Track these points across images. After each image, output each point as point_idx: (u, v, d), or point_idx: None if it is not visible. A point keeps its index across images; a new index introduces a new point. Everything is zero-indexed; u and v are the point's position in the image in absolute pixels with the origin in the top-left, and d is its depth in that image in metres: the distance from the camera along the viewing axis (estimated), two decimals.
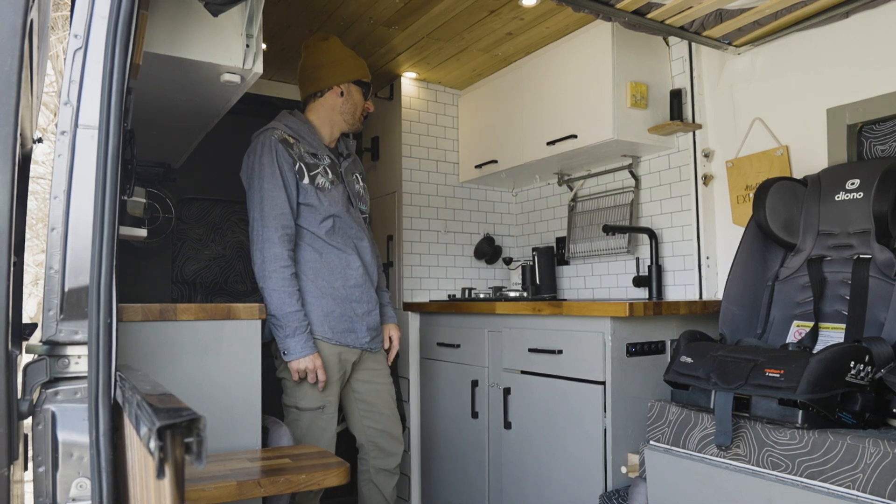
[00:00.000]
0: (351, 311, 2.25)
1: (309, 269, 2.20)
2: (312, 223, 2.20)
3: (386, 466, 2.41)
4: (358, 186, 2.42)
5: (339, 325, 2.23)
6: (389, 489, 2.42)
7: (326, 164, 2.28)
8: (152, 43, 1.79)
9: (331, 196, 2.23)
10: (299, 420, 2.20)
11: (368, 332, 2.32)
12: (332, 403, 2.24)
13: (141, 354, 1.72)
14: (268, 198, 2.12)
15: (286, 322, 2.09)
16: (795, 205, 2.03)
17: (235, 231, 3.46)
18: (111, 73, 1.08)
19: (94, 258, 1.07)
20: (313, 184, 2.20)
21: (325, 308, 2.20)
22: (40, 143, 1.97)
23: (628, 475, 2.05)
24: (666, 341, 2.24)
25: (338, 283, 2.23)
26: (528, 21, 2.74)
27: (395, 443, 2.41)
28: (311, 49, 2.40)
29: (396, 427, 2.42)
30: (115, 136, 1.08)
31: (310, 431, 2.20)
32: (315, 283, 2.20)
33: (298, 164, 2.18)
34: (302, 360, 2.11)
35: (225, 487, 1.49)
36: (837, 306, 1.88)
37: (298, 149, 2.21)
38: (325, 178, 2.23)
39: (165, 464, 0.65)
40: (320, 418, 2.21)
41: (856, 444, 1.41)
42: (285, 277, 2.10)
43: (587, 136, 2.73)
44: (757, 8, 2.17)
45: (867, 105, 2.16)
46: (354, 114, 2.38)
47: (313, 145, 2.27)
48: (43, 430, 1.19)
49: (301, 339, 2.11)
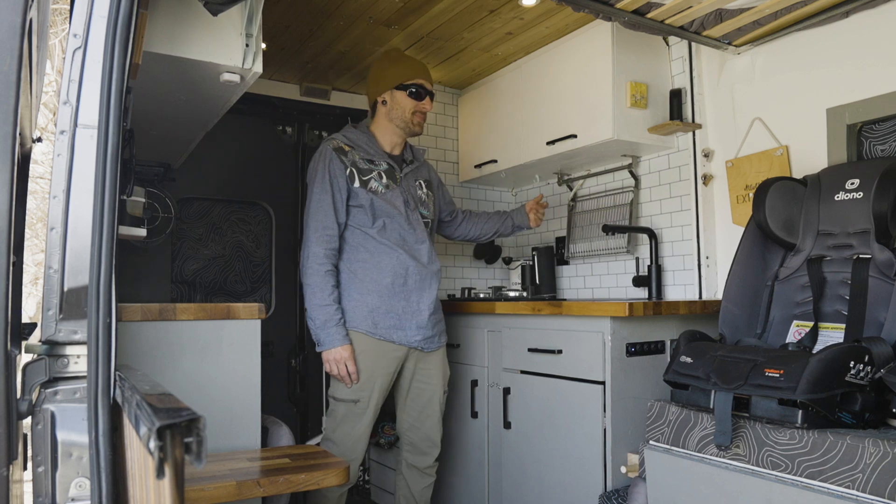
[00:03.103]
0: (399, 309, 2.33)
1: (358, 267, 2.31)
2: (365, 223, 2.32)
3: (416, 464, 2.50)
4: (420, 192, 2.49)
5: (385, 321, 2.31)
6: (419, 488, 2.51)
7: (382, 170, 2.38)
8: (152, 42, 1.79)
9: (384, 199, 2.33)
10: (335, 410, 2.32)
11: (419, 331, 2.37)
12: (367, 399, 2.31)
13: (140, 354, 1.71)
14: (314, 201, 2.29)
15: (317, 314, 2.22)
16: (795, 205, 2.03)
17: (235, 231, 3.46)
18: (110, 73, 1.07)
19: (93, 258, 1.07)
20: (366, 187, 2.32)
21: (371, 304, 2.30)
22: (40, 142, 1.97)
23: (628, 475, 2.05)
24: (665, 341, 2.24)
25: (386, 281, 2.31)
26: (527, 21, 2.74)
27: (428, 443, 2.50)
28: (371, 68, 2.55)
29: (436, 432, 2.51)
30: (115, 135, 1.08)
31: (342, 423, 2.30)
32: (363, 280, 2.31)
33: (350, 169, 2.31)
34: (332, 351, 2.22)
35: (224, 487, 1.49)
36: (837, 306, 1.87)
37: (353, 156, 2.34)
38: (378, 183, 2.35)
39: (165, 464, 0.65)
40: (353, 411, 2.29)
41: (855, 444, 1.41)
42: (320, 273, 2.24)
43: (587, 135, 2.73)
44: (757, 8, 2.17)
45: (867, 105, 2.15)
46: (405, 118, 2.42)
47: (370, 152, 2.39)
48: (42, 429, 1.19)
49: (332, 330, 2.22)
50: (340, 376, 2.25)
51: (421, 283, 2.37)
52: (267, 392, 1.95)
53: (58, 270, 1.20)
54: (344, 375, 2.24)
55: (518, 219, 2.79)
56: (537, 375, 2.38)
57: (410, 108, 2.42)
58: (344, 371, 2.23)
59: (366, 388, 2.29)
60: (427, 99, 2.44)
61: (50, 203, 1.22)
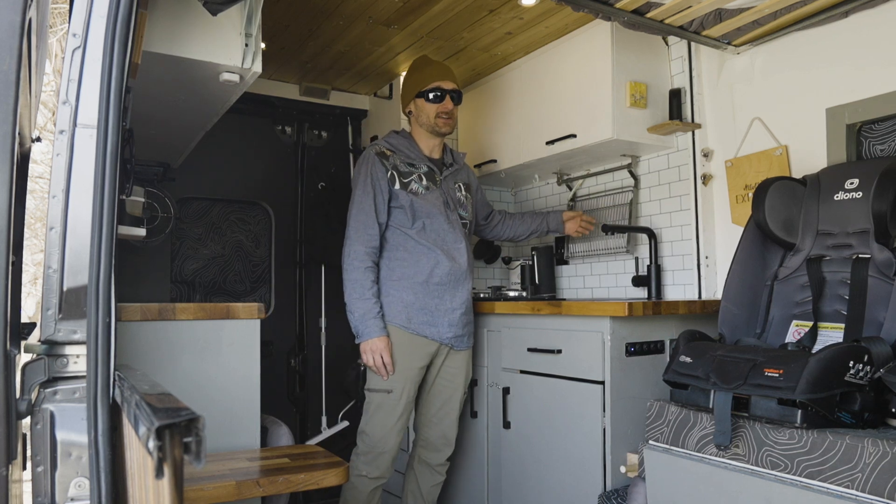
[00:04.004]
0: (433, 306, 2.41)
1: (397, 265, 2.41)
2: (405, 223, 2.42)
3: (429, 460, 2.55)
4: (459, 194, 2.59)
5: (419, 316, 2.40)
6: (428, 486, 2.57)
7: (423, 172, 2.49)
8: (151, 42, 1.79)
9: (424, 200, 2.44)
10: (370, 402, 2.39)
11: (451, 329, 2.45)
12: (400, 389, 2.38)
13: (140, 354, 1.71)
14: (357, 202, 2.40)
15: (357, 307, 2.33)
16: (794, 204, 2.03)
17: (234, 230, 3.46)
18: (110, 72, 1.07)
19: (92, 257, 1.07)
20: (406, 189, 2.43)
21: (406, 300, 2.39)
22: (39, 142, 1.96)
23: (627, 475, 2.05)
24: (665, 341, 2.24)
25: (422, 279, 2.40)
26: (527, 20, 2.74)
27: (442, 441, 2.55)
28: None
29: (452, 430, 2.56)
30: (114, 135, 1.08)
31: (376, 413, 2.37)
32: (400, 278, 2.40)
33: (391, 172, 2.43)
34: (370, 342, 2.31)
35: (224, 487, 1.49)
36: (836, 306, 1.87)
37: (394, 160, 2.46)
38: (419, 185, 2.46)
39: (164, 463, 0.65)
40: (387, 401, 2.36)
41: (855, 443, 1.41)
42: (360, 269, 2.34)
43: (586, 135, 2.73)
44: (756, 7, 2.17)
45: (866, 105, 2.16)
46: (429, 123, 2.51)
47: (411, 156, 2.50)
48: (41, 429, 1.19)
49: (371, 322, 2.32)
50: (377, 366, 2.32)
51: (455, 282, 2.46)
52: (266, 392, 1.95)
53: (57, 270, 1.20)
54: (380, 366, 2.32)
55: (553, 223, 2.86)
56: (537, 375, 2.38)
57: (433, 112, 2.49)
58: (380, 361, 2.31)
59: (399, 379, 2.37)
60: (448, 98, 2.51)
61: (49, 203, 1.22)
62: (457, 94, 2.54)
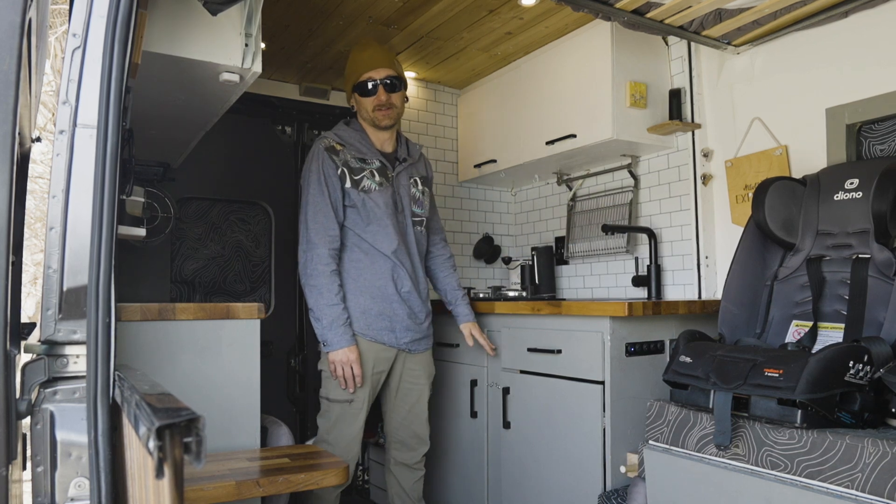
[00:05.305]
0: (390, 311, 2.31)
1: (352, 268, 2.30)
2: (358, 224, 2.29)
3: (405, 461, 2.49)
4: (415, 190, 2.43)
5: (377, 322, 2.30)
6: (409, 483, 2.51)
7: (375, 168, 2.33)
8: (151, 42, 1.79)
9: (376, 198, 2.29)
10: (329, 411, 2.30)
11: (408, 333, 2.36)
12: (361, 399, 2.29)
13: (140, 354, 1.71)
14: (312, 202, 2.25)
15: (323, 314, 2.20)
16: (794, 204, 2.03)
17: (235, 230, 3.46)
18: (110, 72, 1.07)
19: (92, 257, 1.07)
20: (357, 187, 2.28)
21: (363, 305, 2.28)
22: (39, 142, 1.96)
23: (627, 475, 2.05)
24: (665, 341, 2.24)
25: (379, 283, 2.29)
26: (527, 20, 2.74)
27: (416, 440, 2.50)
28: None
29: (423, 429, 2.50)
30: (114, 135, 1.08)
31: (337, 423, 2.28)
32: (356, 282, 2.29)
33: (342, 168, 2.27)
34: (338, 352, 2.20)
35: (224, 487, 1.48)
36: (836, 306, 1.87)
37: (344, 155, 2.30)
38: (371, 181, 2.30)
39: (164, 463, 0.65)
40: (348, 411, 2.28)
41: (854, 443, 1.41)
42: (326, 273, 2.21)
43: (586, 135, 2.73)
44: (756, 7, 2.17)
45: (866, 105, 2.16)
46: (370, 117, 2.34)
47: (362, 150, 2.34)
48: (41, 429, 1.19)
49: (340, 330, 2.20)
50: (345, 378, 2.21)
51: (413, 285, 2.35)
52: (266, 392, 1.95)
53: (57, 270, 1.20)
54: (349, 377, 2.21)
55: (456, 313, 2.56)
56: (537, 375, 2.38)
57: (370, 105, 2.32)
58: (349, 373, 2.21)
59: (361, 389, 2.28)
60: (381, 89, 2.30)
61: (49, 203, 1.22)
62: (392, 81, 2.31)
